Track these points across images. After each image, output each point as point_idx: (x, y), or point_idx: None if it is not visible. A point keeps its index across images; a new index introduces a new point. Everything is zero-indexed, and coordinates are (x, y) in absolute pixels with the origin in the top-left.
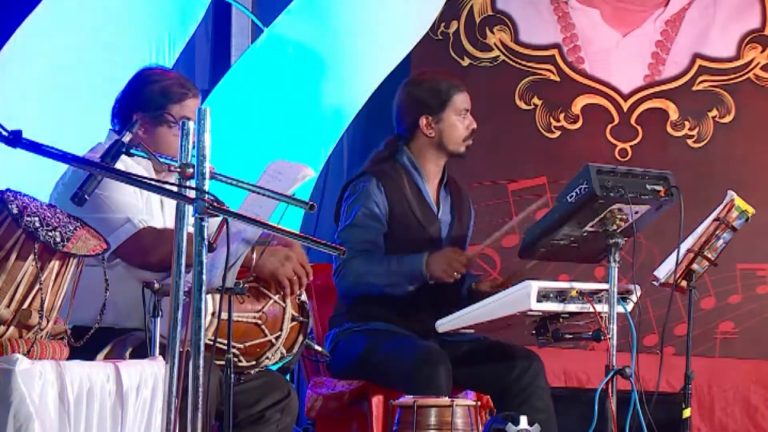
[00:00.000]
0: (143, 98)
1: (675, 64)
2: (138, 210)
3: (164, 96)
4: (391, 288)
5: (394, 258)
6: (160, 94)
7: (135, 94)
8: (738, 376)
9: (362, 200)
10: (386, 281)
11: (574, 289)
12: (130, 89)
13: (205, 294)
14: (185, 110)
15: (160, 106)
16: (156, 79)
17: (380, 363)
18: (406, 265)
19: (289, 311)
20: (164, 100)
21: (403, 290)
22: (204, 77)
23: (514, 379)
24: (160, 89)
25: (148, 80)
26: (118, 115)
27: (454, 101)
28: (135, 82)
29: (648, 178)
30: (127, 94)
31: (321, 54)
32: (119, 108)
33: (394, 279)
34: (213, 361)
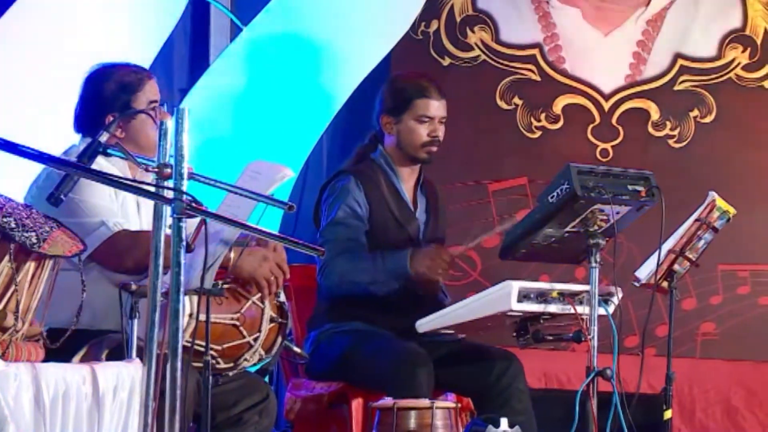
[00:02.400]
0: (105, 99)
1: (656, 64)
2: (113, 213)
3: (124, 88)
4: (375, 285)
5: (378, 255)
6: (120, 88)
7: (95, 97)
8: (719, 377)
9: (342, 198)
10: (371, 278)
11: (555, 289)
12: (88, 94)
13: (183, 295)
14: (148, 94)
15: (125, 101)
16: (109, 76)
17: (360, 364)
18: (390, 262)
19: (267, 312)
20: (125, 93)
21: (388, 288)
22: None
23: (493, 380)
24: (117, 83)
25: (101, 79)
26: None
27: (414, 106)
28: (89, 86)
29: (629, 179)
30: (86, 99)
31: (299, 53)
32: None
33: (379, 276)
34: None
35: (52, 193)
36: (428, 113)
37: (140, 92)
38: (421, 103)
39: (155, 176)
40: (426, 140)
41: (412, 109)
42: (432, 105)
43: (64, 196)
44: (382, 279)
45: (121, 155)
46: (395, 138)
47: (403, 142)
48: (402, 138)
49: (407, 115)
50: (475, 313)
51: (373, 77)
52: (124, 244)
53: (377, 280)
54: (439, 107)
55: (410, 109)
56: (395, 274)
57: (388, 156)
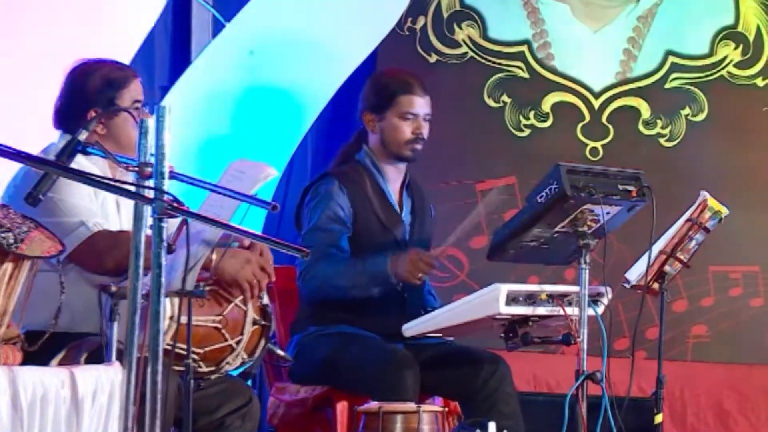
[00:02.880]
0: (89, 93)
1: (647, 61)
2: (92, 213)
3: (109, 85)
4: (356, 290)
5: (359, 260)
6: (105, 84)
7: (79, 92)
8: (710, 381)
9: (325, 203)
10: (351, 283)
11: (544, 291)
12: (71, 89)
13: (164, 297)
14: (133, 93)
15: (110, 97)
16: (94, 70)
17: (345, 367)
18: (370, 267)
19: (250, 315)
20: (110, 89)
21: (368, 293)
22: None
23: (481, 384)
24: (103, 79)
25: (86, 74)
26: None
27: (398, 102)
28: (73, 81)
29: (619, 178)
30: (68, 94)
31: (283, 50)
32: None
33: (359, 281)
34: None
35: (30, 192)
36: (412, 110)
37: (125, 90)
38: (404, 99)
39: (135, 175)
40: (410, 137)
41: (396, 106)
42: (416, 101)
43: (42, 196)
44: (362, 283)
45: (100, 154)
46: (379, 136)
47: (387, 140)
48: (386, 135)
49: (391, 112)
50: (463, 317)
51: (359, 74)
52: (104, 244)
53: (357, 285)
54: (423, 104)
55: (393, 106)
56: (375, 279)
57: (373, 155)
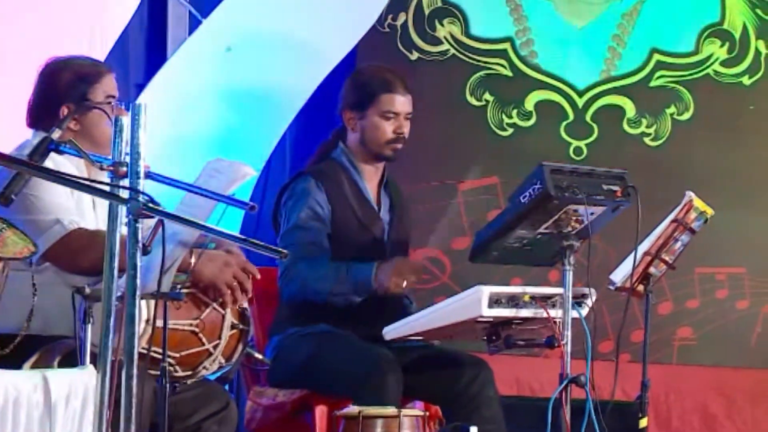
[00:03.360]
0: (61, 89)
1: (631, 59)
2: (68, 211)
3: (81, 79)
4: (337, 298)
5: (343, 265)
6: (77, 79)
7: (50, 88)
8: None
9: (303, 201)
10: (333, 289)
11: (527, 293)
12: (42, 86)
13: (139, 299)
14: (106, 88)
15: (82, 92)
16: (66, 66)
17: (325, 369)
18: (354, 275)
19: (228, 319)
20: (83, 84)
21: (348, 301)
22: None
23: (463, 387)
24: (74, 74)
25: (58, 69)
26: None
27: (379, 101)
28: (44, 77)
29: (604, 178)
30: (40, 91)
31: (262, 47)
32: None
33: (341, 288)
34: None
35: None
36: (393, 109)
37: (98, 84)
38: (385, 98)
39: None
40: (391, 137)
41: (377, 105)
42: (397, 100)
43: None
44: (343, 291)
45: (74, 153)
46: (359, 134)
47: (367, 139)
48: (366, 134)
49: (371, 110)
50: (445, 320)
51: (338, 72)
52: (80, 243)
53: (339, 292)
54: (404, 102)
55: (374, 105)
56: (358, 287)
57: (350, 153)
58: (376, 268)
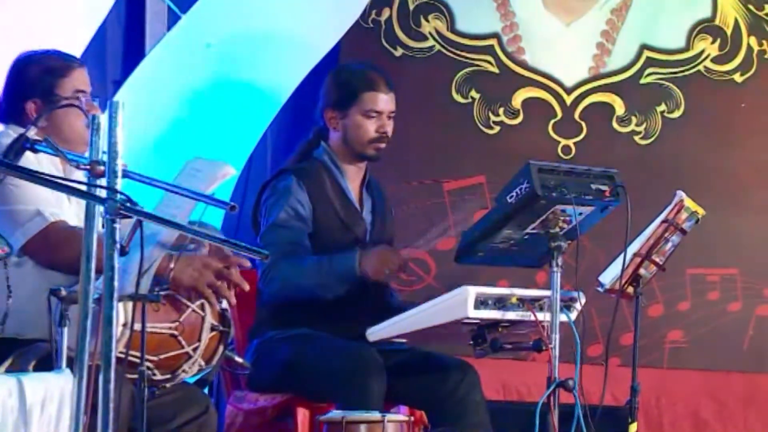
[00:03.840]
0: (28, 83)
1: (621, 55)
2: (49, 202)
3: (49, 73)
4: (321, 289)
5: (324, 257)
6: (45, 72)
7: (18, 82)
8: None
9: (284, 199)
10: (316, 281)
11: (514, 295)
12: (10, 80)
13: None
14: (75, 82)
15: (48, 86)
16: (35, 60)
17: (307, 372)
18: (337, 264)
19: (208, 321)
20: (50, 77)
21: (334, 292)
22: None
23: (448, 392)
24: (42, 68)
25: (26, 63)
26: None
27: (361, 99)
28: (13, 71)
29: (593, 177)
30: (8, 86)
31: (243, 43)
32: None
33: (325, 279)
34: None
35: None
36: (376, 107)
37: (66, 78)
38: (368, 96)
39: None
40: (374, 136)
41: (359, 103)
42: (380, 99)
43: None
44: (328, 282)
45: (50, 152)
46: (341, 134)
47: (350, 138)
48: (348, 134)
49: (354, 109)
50: (429, 321)
51: (321, 69)
52: (60, 237)
53: (323, 284)
54: (387, 101)
55: (357, 103)
56: (342, 277)
57: (332, 153)
58: (360, 256)
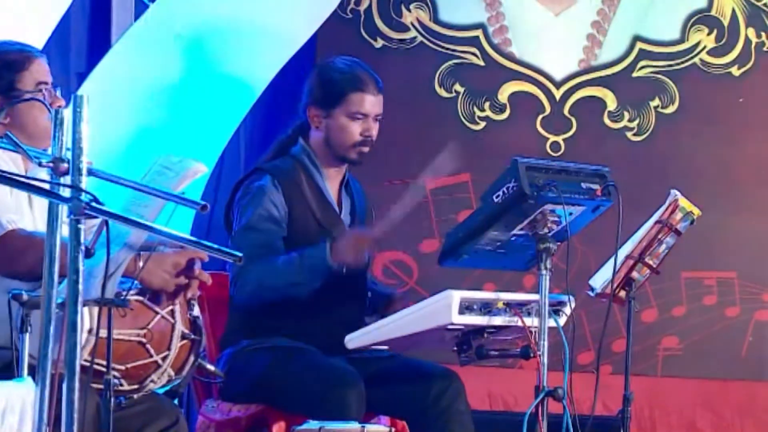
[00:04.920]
0: None
1: (613, 47)
2: (8, 208)
3: (7, 67)
4: (295, 288)
5: (294, 253)
6: (3, 67)
7: None
8: (682, 398)
9: (257, 200)
10: (289, 280)
11: (501, 300)
12: None
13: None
14: (36, 74)
15: (8, 81)
16: None
17: (282, 384)
18: (309, 258)
19: (178, 328)
20: (9, 72)
21: (309, 287)
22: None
23: (431, 401)
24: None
25: None
26: None
27: (348, 101)
28: None
29: (583, 176)
30: None
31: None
32: None
33: (297, 276)
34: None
35: None
36: (363, 110)
37: (26, 71)
38: (355, 97)
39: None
40: (358, 140)
41: (345, 104)
42: (368, 101)
43: None
44: (302, 279)
45: (11, 148)
46: (323, 134)
47: (332, 140)
48: (331, 135)
49: (339, 109)
50: (412, 328)
51: (297, 62)
52: (18, 245)
53: (297, 281)
54: (375, 103)
55: (343, 104)
56: (315, 270)
57: (311, 152)
58: (330, 247)
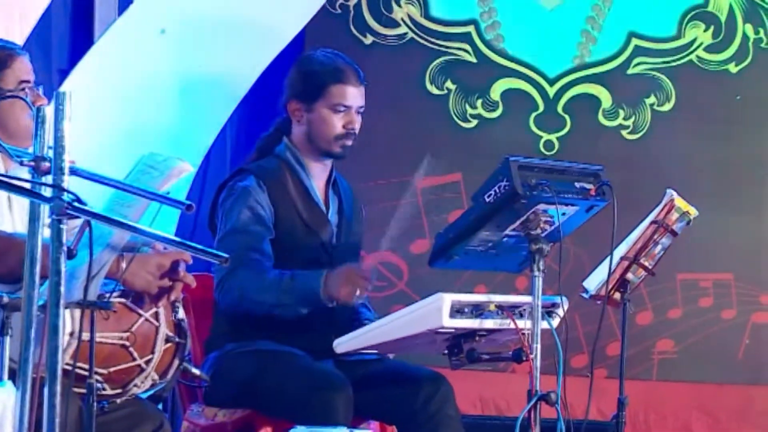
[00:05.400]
0: None
1: (608, 43)
2: None
3: None
4: (280, 309)
5: (287, 274)
6: None
7: None
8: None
9: (243, 201)
10: (276, 300)
11: (493, 302)
12: None
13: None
14: (18, 72)
15: None
16: None
17: (268, 389)
18: (300, 283)
19: (162, 331)
20: None
21: (294, 312)
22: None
23: (420, 406)
24: None
25: None
26: None
27: (329, 92)
28: None
29: (577, 175)
30: None
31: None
32: None
33: (285, 299)
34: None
35: None
36: (345, 102)
37: (8, 69)
38: (336, 89)
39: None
40: (340, 132)
41: (326, 97)
42: (349, 92)
43: None
44: (288, 302)
45: None
46: (305, 128)
47: (314, 134)
48: (313, 129)
49: (320, 102)
50: (401, 331)
51: (285, 58)
52: None
53: (283, 303)
54: (356, 95)
55: (324, 96)
56: (304, 298)
57: (295, 149)
58: (324, 278)
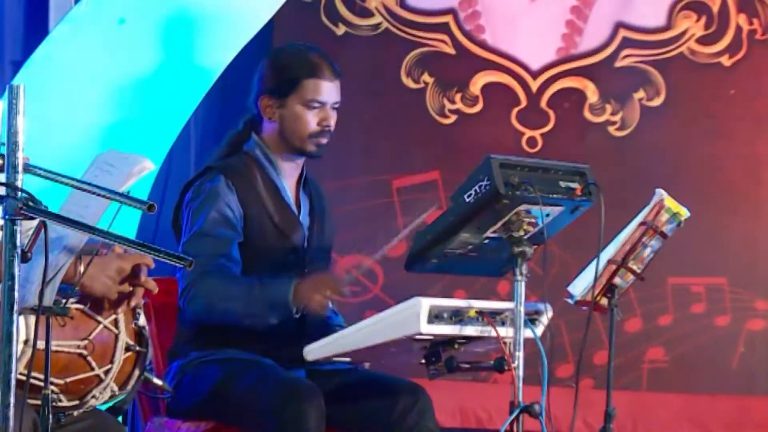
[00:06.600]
0: None
1: (594, 35)
2: None
3: None
4: (250, 319)
5: (256, 281)
6: None
7: None
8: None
9: (210, 203)
10: (244, 309)
11: (473, 308)
12: None
13: (18, 315)
14: None
15: None
16: None
17: (235, 400)
18: (270, 291)
19: (122, 339)
20: None
21: (264, 322)
22: (15, 46)
23: (397, 418)
24: None
25: None
26: None
27: (302, 87)
28: None
29: (562, 174)
30: None
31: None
32: None
33: (255, 308)
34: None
35: None
36: (319, 97)
37: None
38: (310, 84)
39: None
40: (315, 130)
41: (300, 92)
42: (324, 87)
43: None
44: (257, 312)
45: None
46: (277, 125)
47: (287, 131)
48: (285, 126)
49: (293, 98)
50: (376, 338)
51: (252, 49)
52: None
53: (252, 313)
54: (332, 90)
55: (297, 92)
56: (274, 307)
57: (265, 147)
58: (295, 286)
